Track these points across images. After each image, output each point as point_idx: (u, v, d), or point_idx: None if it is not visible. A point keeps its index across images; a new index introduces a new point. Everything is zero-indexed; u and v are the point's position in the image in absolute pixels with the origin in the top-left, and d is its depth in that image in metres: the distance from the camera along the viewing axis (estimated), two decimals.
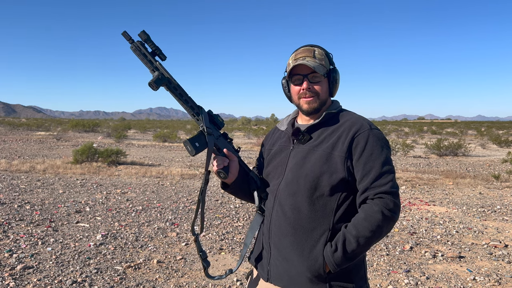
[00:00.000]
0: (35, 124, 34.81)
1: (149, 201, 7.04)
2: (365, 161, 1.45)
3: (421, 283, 3.85)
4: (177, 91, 1.58)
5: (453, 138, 27.02)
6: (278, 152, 1.66)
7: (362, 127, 1.50)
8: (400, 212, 1.51)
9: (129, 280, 3.71)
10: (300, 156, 1.56)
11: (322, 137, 1.55)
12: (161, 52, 1.56)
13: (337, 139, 1.51)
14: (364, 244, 1.40)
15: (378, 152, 1.45)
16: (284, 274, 1.52)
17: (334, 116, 1.59)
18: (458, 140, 19.42)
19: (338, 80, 1.61)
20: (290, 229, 1.51)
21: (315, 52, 1.57)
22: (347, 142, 1.48)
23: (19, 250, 4.33)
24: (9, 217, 5.57)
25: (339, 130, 1.53)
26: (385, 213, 1.39)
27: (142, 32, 1.53)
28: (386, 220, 1.39)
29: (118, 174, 9.99)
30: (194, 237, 1.64)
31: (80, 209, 6.26)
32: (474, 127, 56.80)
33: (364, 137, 1.47)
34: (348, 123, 1.53)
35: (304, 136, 1.57)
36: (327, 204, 1.48)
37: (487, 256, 4.64)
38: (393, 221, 1.41)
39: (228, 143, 1.68)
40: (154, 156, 14.90)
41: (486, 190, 9.05)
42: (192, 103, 1.62)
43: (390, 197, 1.41)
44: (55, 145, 17.84)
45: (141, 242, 4.82)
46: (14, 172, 9.64)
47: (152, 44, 1.55)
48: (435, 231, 5.67)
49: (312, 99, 1.57)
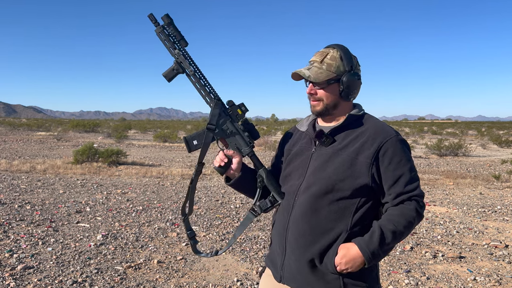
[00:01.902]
0: (35, 124, 34.82)
1: (150, 201, 7.04)
2: (394, 167, 1.49)
3: (421, 283, 3.85)
4: (194, 80, 1.61)
5: (453, 138, 27.02)
6: (299, 153, 1.65)
7: (389, 134, 1.51)
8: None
9: (130, 280, 3.71)
10: (323, 159, 1.55)
11: (346, 141, 1.54)
12: (183, 37, 1.57)
13: (362, 144, 1.51)
14: (398, 239, 1.46)
15: (406, 160, 1.51)
16: (297, 275, 1.53)
17: (357, 119, 1.59)
18: (458, 140, 19.41)
19: (354, 84, 1.56)
20: (307, 229, 1.52)
21: (327, 56, 1.56)
22: (373, 149, 1.49)
23: (19, 250, 4.33)
24: (10, 217, 5.57)
25: (364, 135, 1.53)
26: (419, 211, 1.49)
27: (166, 16, 1.55)
28: (418, 217, 1.49)
29: (118, 174, 9.99)
30: (183, 217, 1.73)
31: (81, 209, 6.26)
32: (474, 127, 56.80)
33: (392, 145, 1.50)
34: (374, 129, 1.54)
35: (327, 138, 1.56)
36: (346, 207, 1.49)
37: (488, 257, 4.64)
38: (421, 219, 1.53)
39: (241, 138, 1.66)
40: (154, 156, 14.90)
41: (487, 190, 9.05)
42: (207, 95, 1.63)
43: (421, 200, 1.51)
44: (55, 145, 17.85)
45: (142, 242, 4.82)
46: (15, 172, 9.64)
47: (175, 29, 1.56)
48: (435, 231, 5.67)
49: (316, 103, 1.58)
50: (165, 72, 1.62)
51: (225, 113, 1.65)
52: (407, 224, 1.46)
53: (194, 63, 1.60)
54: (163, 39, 1.59)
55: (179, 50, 1.59)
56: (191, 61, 1.60)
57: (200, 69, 1.61)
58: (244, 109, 1.66)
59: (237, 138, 1.66)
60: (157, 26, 1.57)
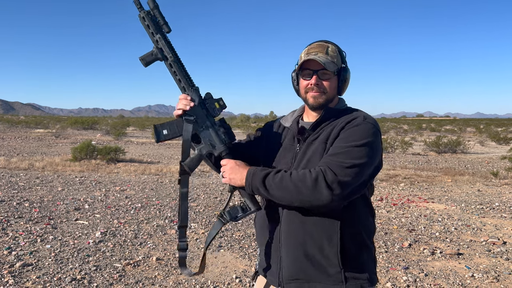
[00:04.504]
0: (33, 122, 34.75)
1: (148, 199, 7.04)
2: (338, 142, 1.45)
3: (419, 280, 3.86)
4: (172, 68, 1.53)
5: (452, 135, 27.03)
6: (282, 151, 1.63)
7: (357, 118, 1.50)
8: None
9: (128, 277, 3.72)
10: (301, 152, 1.56)
11: (320, 130, 1.55)
12: (166, 23, 1.52)
13: (331, 129, 1.51)
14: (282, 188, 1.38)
15: (356, 138, 1.42)
16: (298, 273, 1.52)
17: (338, 113, 1.58)
18: (457, 138, 19.45)
19: (348, 79, 1.61)
20: (301, 227, 1.50)
21: (328, 49, 1.56)
22: (338, 129, 1.48)
23: (18, 248, 4.32)
24: (8, 215, 5.57)
25: (337, 123, 1.53)
26: (318, 179, 1.33)
27: (151, 0, 1.51)
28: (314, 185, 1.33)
29: (117, 171, 9.98)
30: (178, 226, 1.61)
31: (79, 207, 6.25)
32: (472, 124, 56.84)
33: (354, 125, 1.47)
34: (347, 116, 1.53)
35: (309, 135, 1.56)
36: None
37: (486, 253, 4.66)
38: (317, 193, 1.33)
39: (216, 134, 1.55)
40: (153, 153, 14.89)
41: (485, 187, 9.07)
42: (185, 83, 1.53)
43: (332, 177, 1.33)
44: (53, 143, 17.81)
45: (140, 239, 4.82)
46: (13, 169, 9.62)
47: (159, 14, 1.51)
48: (433, 228, 5.68)
49: (318, 94, 1.56)
50: (143, 56, 1.53)
51: (202, 105, 1.54)
52: (298, 180, 1.36)
53: (175, 51, 1.53)
54: (146, 24, 1.51)
55: (162, 35, 1.51)
56: (172, 49, 1.53)
57: (180, 58, 1.54)
58: (222, 103, 1.55)
59: (211, 133, 1.55)
60: (141, 10, 1.51)
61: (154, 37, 1.52)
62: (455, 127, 46.56)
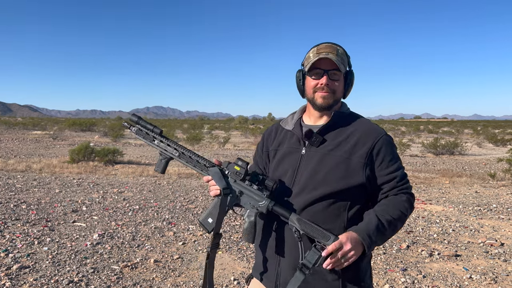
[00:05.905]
0: (31, 123, 34.66)
1: (146, 200, 7.02)
2: (387, 165, 1.53)
3: (417, 282, 3.86)
4: (182, 160, 1.65)
5: (449, 137, 27.11)
6: (287, 154, 1.61)
7: (379, 133, 1.54)
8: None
9: (126, 279, 3.70)
10: (315, 160, 1.53)
11: (337, 141, 1.53)
12: (155, 126, 1.68)
13: (354, 144, 1.51)
14: (392, 228, 1.49)
15: (397, 157, 1.57)
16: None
17: (345, 118, 1.58)
18: (454, 139, 19.50)
19: (353, 83, 1.61)
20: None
21: (339, 51, 1.55)
22: (366, 149, 1.50)
23: (15, 250, 4.30)
24: (5, 217, 5.54)
25: (355, 135, 1.53)
26: (411, 201, 1.55)
27: (133, 115, 1.70)
28: (410, 208, 1.54)
29: (114, 173, 9.96)
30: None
31: (77, 209, 6.23)
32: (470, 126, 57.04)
33: (383, 144, 1.53)
34: (364, 129, 1.55)
35: (317, 138, 1.54)
36: (341, 207, 1.49)
37: (483, 255, 4.66)
38: (412, 210, 1.58)
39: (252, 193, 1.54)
40: (151, 155, 14.87)
41: (482, 189, 9.09)
42: (200, 168, 1.62)
43: (411, 192, 1.58)
44: (51, 144, 17.77)
45: (138, 241, 4.81)
46: (10, 171, 9.59)
47: (145, 123, 1.69)
48: (431, 229, 5.69)
49: (328, 95, 1.54)
50: (156, 167, 1.70)
51: (225, 177, 1.56)
52: (401, 214, 1.49)
53: (176, 144, 1.66)
54: (142, 136, 1.70)
55: (159, 138, 1.67)
56: (173, 144, 1.65)
57: (183, 146, 1.66)
58: (241, 163, 1.54)
59: (249, 195, 1.54)
60: (132, 128, 1.71)
61: (154, 142, 1.69)
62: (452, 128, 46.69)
